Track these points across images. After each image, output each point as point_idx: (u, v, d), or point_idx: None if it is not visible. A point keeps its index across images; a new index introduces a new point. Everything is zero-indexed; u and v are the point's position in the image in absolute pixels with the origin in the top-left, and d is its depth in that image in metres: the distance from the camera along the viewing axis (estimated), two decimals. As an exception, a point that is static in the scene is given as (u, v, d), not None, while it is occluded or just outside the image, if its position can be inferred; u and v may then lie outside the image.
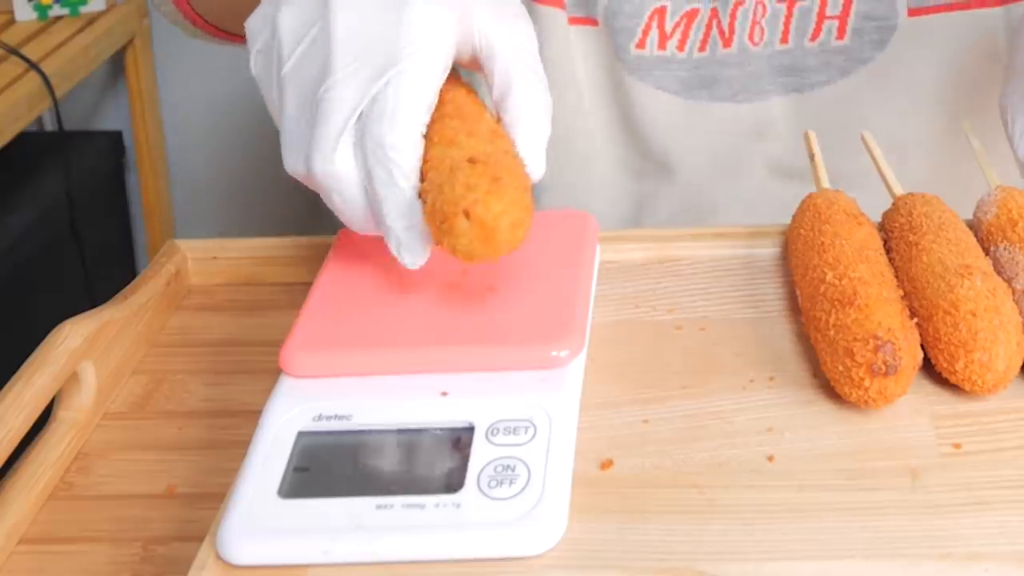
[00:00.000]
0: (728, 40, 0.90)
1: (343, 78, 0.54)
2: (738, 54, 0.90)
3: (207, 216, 2.22)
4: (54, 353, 0.59)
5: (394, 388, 0.54)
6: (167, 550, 0.54)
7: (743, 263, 0.68)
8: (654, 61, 0.90)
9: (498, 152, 0.54)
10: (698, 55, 0.90)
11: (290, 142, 0.57)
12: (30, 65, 1.75)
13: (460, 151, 0.54)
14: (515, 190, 0.52)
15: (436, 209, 0.52)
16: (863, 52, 0.90)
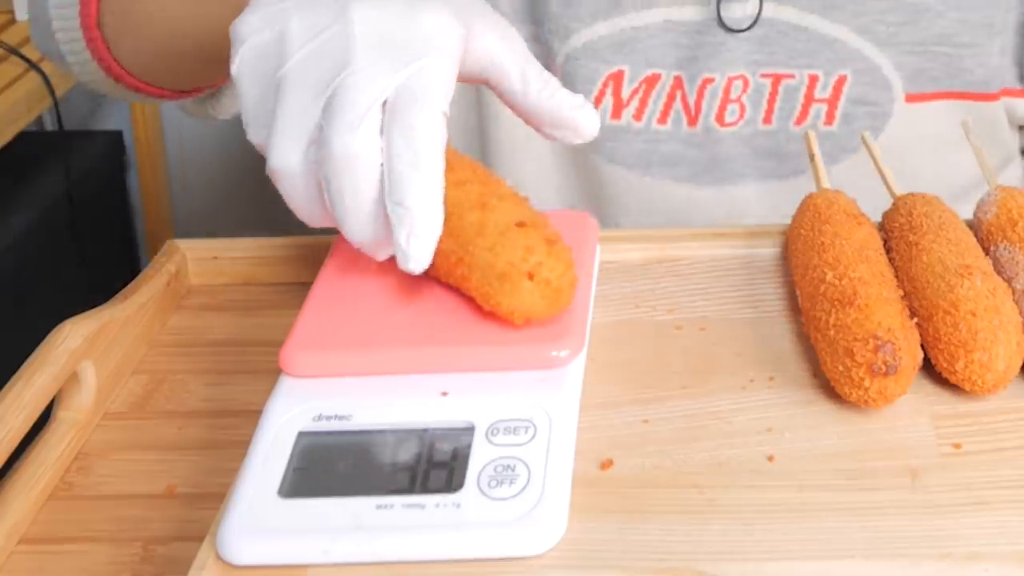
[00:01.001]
0: (693, 118, 0.85)
1: (366, 67, 0.54)
2: (703, 134, 0.85)
3: (207, 216, 2.22)
4: (54, 353, 0.59)
5: (394, 388, 0.54)
6: (167, 550, 0.54)
7: (743, 263, 0.68)
8: (606, 131, 0.85)
9: (537, 214, 0.57)
10: (657, 127, 0.85)
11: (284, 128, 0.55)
12: (30, 65, 1.75)
13: (504, 214, 0.56)
14: (565, 251, 0.56)
15: (492, 274, 0.55)
16: (852, 140, 0.85)
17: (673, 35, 0.84)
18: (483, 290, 0.55)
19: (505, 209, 0.57)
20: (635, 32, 0.84)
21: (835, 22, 0.84)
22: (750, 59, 0.84)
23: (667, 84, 0.84)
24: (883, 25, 0.84)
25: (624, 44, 0.85)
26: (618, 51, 0.84)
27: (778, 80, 0.84)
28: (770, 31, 0.84)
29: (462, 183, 0.58)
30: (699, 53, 0.84)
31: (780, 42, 0.84)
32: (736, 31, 0.83)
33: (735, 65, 0.84)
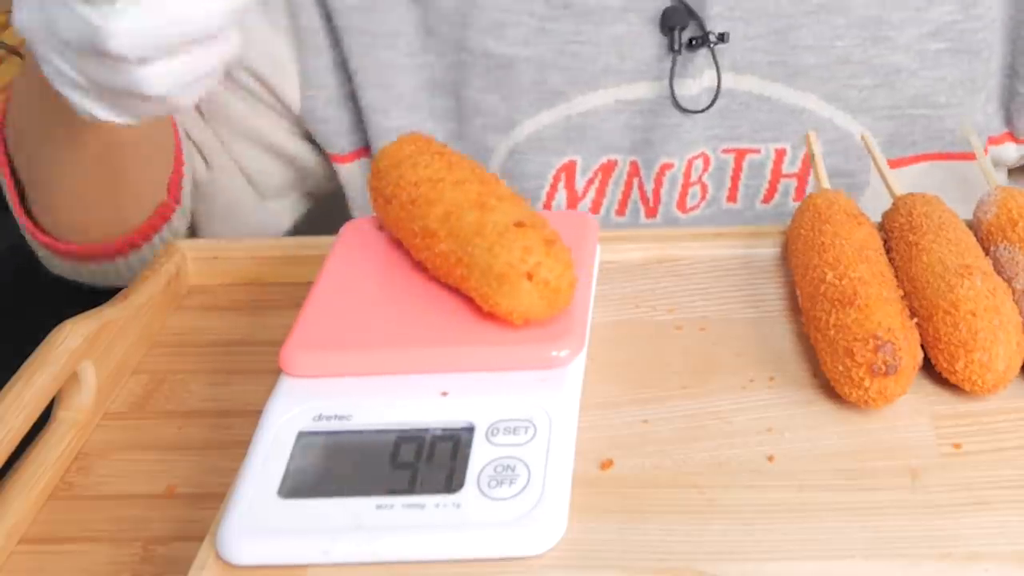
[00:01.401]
0: (653, 209, 0.81)
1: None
2: (663, 223, 0.81)
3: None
4: (54, 353, 0.59)
5: (394, 388, 0.54)
6: (167, 550, 0.54)
7: (743, 263, 0.68)
8: None
9: (535, 215, 0.57)
10: (616, 219, 0.82)
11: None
12: (30, 65, 1.75)
13: (502, 215, 0.56)
14: (564, 251, 0.56)
15: (491, 274, 0.54)
16: None
17: (626, 116, 0.80)
18: (482, 290, 0.55)
19: (504, 209, 0.57)
20: (583, 118, 0.80)
21: (801, 90, 0.80)
22: (710, 135, 0.80)
23: (624, 171, 0.81)
24: (854, 90, 0.80)
25: (573, 132, 0.80)
26: (567, 140, 0.81)
27: (742, 156, 0.81)
28: (731, 103, 0.80)
29: (461, 183, 0.58)
30: (654, 136, 0.80)
31: (742, 115, 0.80)
32: (692, 111, 0.79)
33: (694, 144, 0.80)
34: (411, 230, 0.59)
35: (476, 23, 0.81)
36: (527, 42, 0.80)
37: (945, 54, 0.81)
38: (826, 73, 0.80)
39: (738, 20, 0.79)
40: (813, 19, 0.80)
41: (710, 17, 0.79)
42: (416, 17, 0.82)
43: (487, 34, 0.80)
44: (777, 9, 0.79)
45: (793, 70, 0.80)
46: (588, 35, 0.80)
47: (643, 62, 0.80)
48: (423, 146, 0.62)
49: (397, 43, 0.82)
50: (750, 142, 0.81)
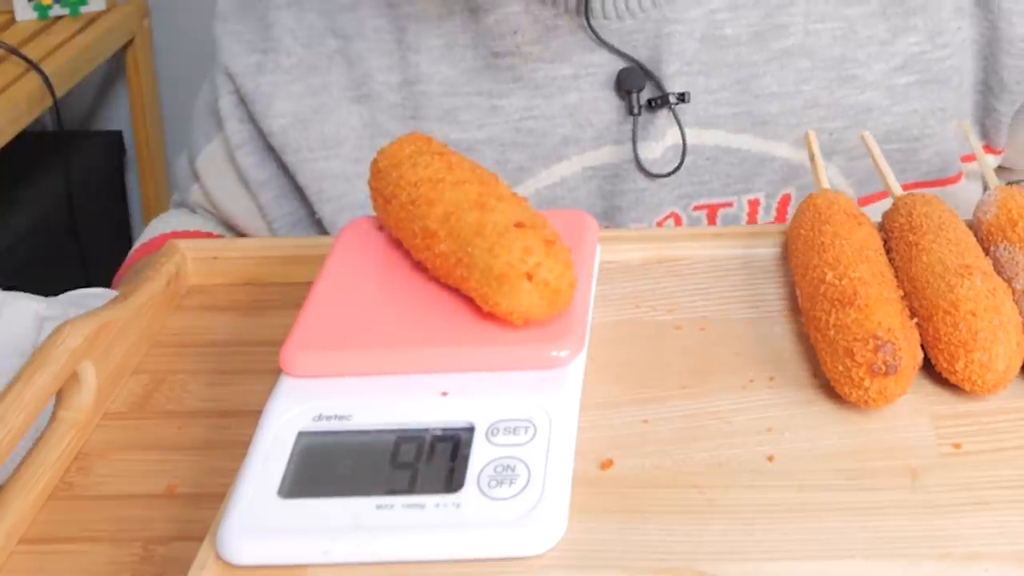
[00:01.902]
0: None
1: None
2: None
3: (207, 216, 2.21)
4: (54, 353, 0.59)
5: (394, 388, 0.54)
6: (167, 550, 0.54)
7: (743, 263, 0.68)
8: None
9: (535, 215, 0.57)
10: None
11: None
12: (30, 65, 1.75)
13: (502, 215, 0.56)
14: (564, 251, 0.56)
15: (491, 275, 0.54)
16: None
17: (597, 182, 0.79)
18: (482, 291, 0.55)
19: (504, 210, 0.57)
20: (551, 190, 0.79)
21: (770, 139, 0.78)
22: (679, 193, 0.78)
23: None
24: (825, 134, 0.78)
25: (546, 205, 0.78)
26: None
27: (714, 211, 0.79)
28: (698, 159, 0.78)
29: (461, 183, 0.58)
30: (622, 202, 0.78)
31: (710, 169, 0.78)
32: (658, 176, 0.76)
33: (663, 206, 0.78)
34: (411, 230, 0.59)
35: (427, 114, 0.79)
36: (481, 124, 0.79)
37: (914, 87, 0.80)
38: (794, 119, 0.78)
39: (697, 75, 0.78)
40: (776, 65, 0.78)
41: (667, 76, 0.77)
42: (360, 118, 0.81)
43: (440, 122, 0.79)
44: (737, 59, 0.78)
45: (760, 119, 0.78)
46: (541, 108, 0.78)
47: (603, 127, 0.78)
48: (423, 146, 0.62)
49: (340, 151, 0.81)
50: (721, 196, 0.79)
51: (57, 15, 1.93)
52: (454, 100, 0.80)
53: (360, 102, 0.81)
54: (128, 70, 2.08)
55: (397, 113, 0.80)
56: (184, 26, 2.12)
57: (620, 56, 0.78)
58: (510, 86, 0.79)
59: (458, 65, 0.80)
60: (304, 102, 0.82)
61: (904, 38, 0.79)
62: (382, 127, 0.81)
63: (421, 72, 0.80)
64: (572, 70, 0.78)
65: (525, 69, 0.79)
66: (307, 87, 0.82)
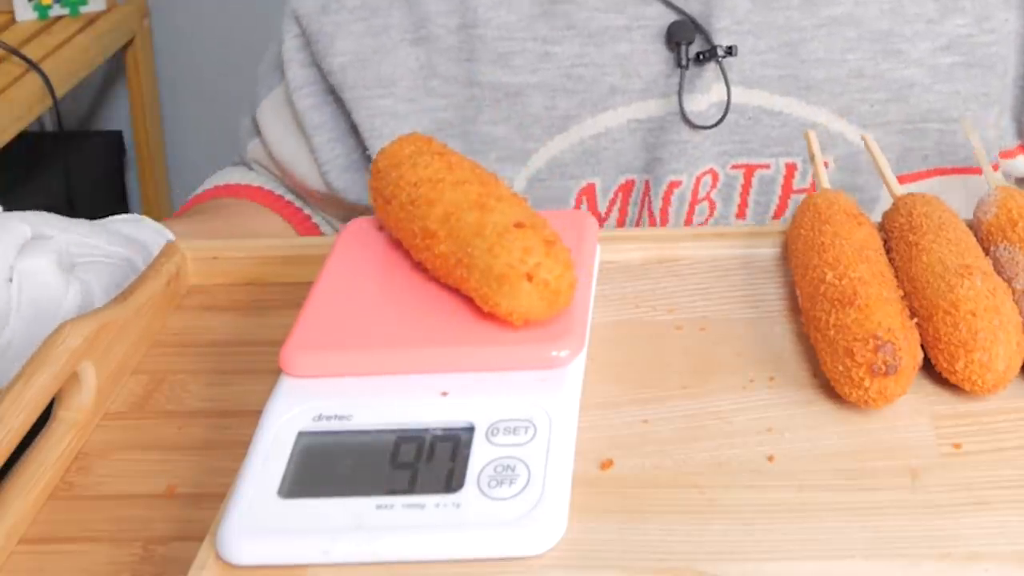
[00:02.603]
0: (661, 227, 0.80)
1: None
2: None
3: (207, 216, 2.21)
4: (54, 353, 0.59)
5: (394, 388, 0.54)
6: (167, 550, 0.54)
7: (743, 263, 0.68)
8: None
9: (535, 215, 0.57)
10: None
11: None
12: (30, 65, 1.75)
13: (502, 215, 0.56)
14: (564, 251, 0.56)
15: (491, 275, 0.54)
16: None
17: (640, 134, 0.80)
18: (482, 291, 0.55)
19: (504, 210, 0.57)
20: (596, 140, 0.80)
21: (813, 104, 0.79)
22: (719, 151, 0.79)
23: (640, 190, 0.80)
24: (866, 105, 0.79)
25: (589, 155, 0.80)
26: (585, 163, 0.81)
27: (751, 171, 0.80)
28: (740, 118, 0.79)
29: (461, 183, 0.58)
30: (663, 153, 0.79)
31: (752, 130, 0.79)
32: (701, 127, 0.78)
33: (702, 161, 0.79)
34: (411, 230, 0.59)
35: (481, 56, 0.81)
36: (534, 69, 0.81)
37: (958, 68, 0.80)
38: (837, 87, 0.79)
39: (747, 34, 0.79)
40: (824, 32, 0.79)
41: (717, 31, 0.78)
42: (417, 60, 0.83)
43: (494, 65, 0.81)
44: (787, 22, 0.79)
45: (804, 84, 0.79)
46: (593, 56, 0.80)
47: (651, 79, 0.80)
48: (423, 146, 0.62)
49: (394, 90, 0.83)
50: (760, 157, 0.80)
51: (57, 15, 1.93)
52: (509, 44, 0.81)
53: (418, 44, 0.83)
54: (128, 70, 2.08)
55: (452, 56, 0.82)
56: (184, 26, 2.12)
57: (672, 9, 0.80)
58: (564, 33, 0.81)
59: (516, 11, 0.82)
60: (364, 42, 0.84)
61: (952, 19, 0.80)
62: (436, 69, 0.83)
63: (479, 16, 0.82)
64: (625, 21, 0.80)
65: (580, 17, 0.81)
66: (368, 27, 0.85)
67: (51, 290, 0.66)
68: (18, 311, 0.65)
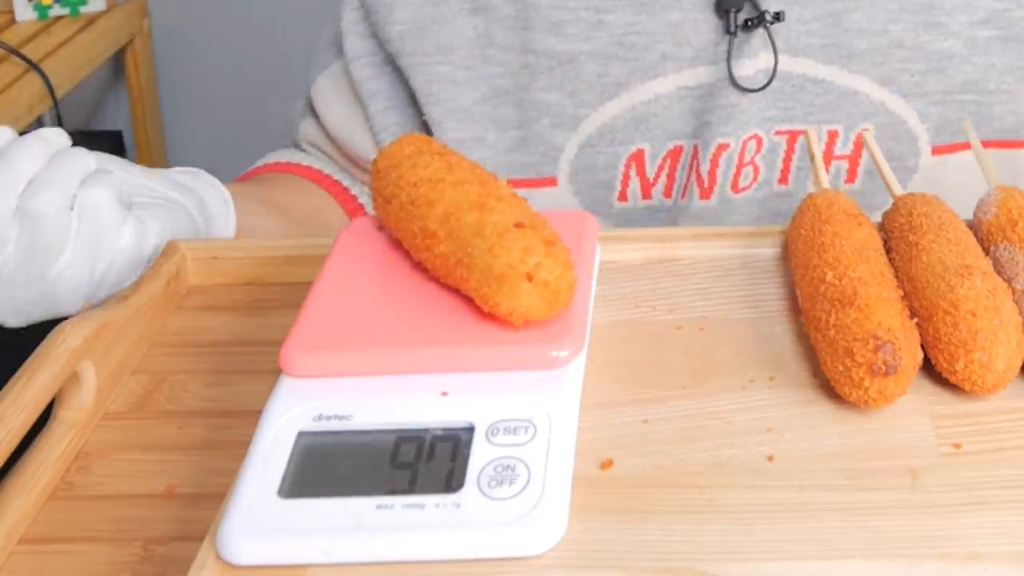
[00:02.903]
0: (707, 191, 0.82)
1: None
2: (718, 207, 0.83)
3: (207, 216, 2.21)
4: (54, 353, 0.59)
5: (394, 388, 0.54)
6: (167, 550, 0.54)
7: (743, 263, 0.68)
8: (639, 212, 0.84)
9: (535, 215, 0.57)
10: (681, 203, 0.83)
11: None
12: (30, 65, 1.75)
13: (502, 215, 0.56)
14: (564, 251, 0.56)
15: (491, 275, 0.55)
16: (875, 197, 0.81)
17: (689, 102, 0.82)
18: (482, 291, 0.55)
19: (503, 210, 0.57)
20: (647, 106, 0.82)
21: (855, 73, 0.80)
22: (763, 116, 0.81)
23: (688, 155, 0.82)
24: (907, 75, 0.81)
25: (639, 121, 0.82)
26: (634, 129, 0.82)
27: (794, 137, 0.81)
28: (784, 85, 0.81)
29: (461, 183, 0.58)
30: (712, 117, 0.81)
31: (795, 97, 0.81)
32: (750, 90, 0.80)
33: (748, 125, 0.81)
34: (411, 231, 0.59)
35: (536, 24, 0.83)
36: (587, 37, 0.82)
37: (995, 41, 0.82)
38: (879, 57, 0.81)
39: (792, 3, 0.81)
40: (867, 3, 0.81)
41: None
42: (474, 29, 0.84)
43: (548, 33, 0.83)
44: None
45: (847, 53, 0.81)
46: (644, 25, 0.82)
47: (700, 47, 0.82)
48: (423, 146, 0.62)
49: (453, 58, 0.85)
50: (803, 123, 0.82)
51: (57, 15, 1.93)
52: (562, 13, 0.83)
53: (475, 14, 0.85)
54: (128, 70, 2.08)
55: (508, 24, 0.84)
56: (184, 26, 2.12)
57: None
58: (616, 2, 0.83)
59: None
60: (423, 11, 0.86)
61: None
62: (493, 38, 0.84)
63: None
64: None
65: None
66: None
67: (109, 223, 0.67)
68: (76, 239, 0.66)
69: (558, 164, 0.83)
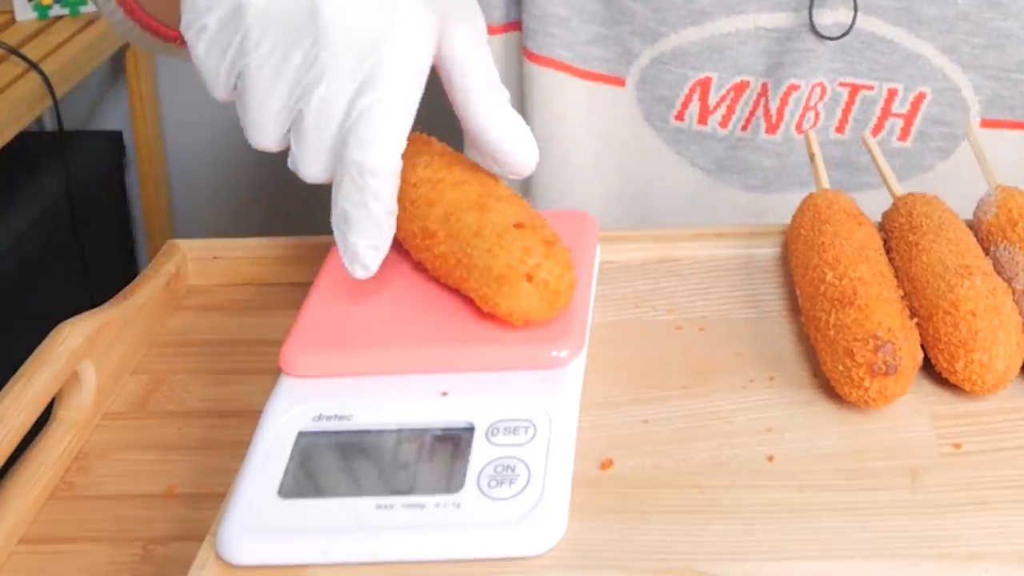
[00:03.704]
0: (774, 126, 0.84)
1: (330, 82, 0.53)
2: (782, 143, 0.84)
3: (207, 216, 2.22)
4: (54, 353, 0.59)
5: (394, 388, 0.54)
6: (167, 550, 0.54)
7: (743, 263, 0.68)
8: (692, 136, 0.85)
9: (535, 215, 0.57)
10: (740, 134, 0.85)
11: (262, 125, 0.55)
12: (30, 65, 1.75)
13: (501, 216, 0.56)
14: (564, 251, 0.56)
15: (491, 276, 0.55)
16: (924, 159, 0.84)
17: (764, 42, 0.83)
18: (482, 292, 0.55)
19: (503, 210, 0.57)
20: (724, 39, 0.83)
21: (921, 38, 0.83)
22: (830, 67, 0.83)
23: (754, 91, 0.83)
24: (968, 47, 0.83)
25: (713, 51, 0.84)
26: (707, 58, 0.83)
27: (856, 91, 0.83)
28: (854, 40, 0.83)
29: (460, 184, 0.58)
30: (786, 60, 0.83)
31: (863, 52, 0.83)
32: (828, 38, 0.82)
33: (817, 73, 0.83)
34: (411, 231, 0.59)
35: None
36: None
37: None
38: (945, 26, 0.83)
39: None
40: None
41: None
42: None
43: None
44: None
45: (915, 18, 0.83)
46: None
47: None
48: (422, 146, 0.62)
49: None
50: (866, 79, 0.84)
51: (57, 15, 1.93)
52: None
53: None
54: (128, 70, 2.07)
55: None
56: (184, 26, 2.12)
57: None
58: None
59: None
60: None
61: None
62: None
63: None
64: None
65: None
66: None
67: None
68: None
69: (630, 68, 0.85)
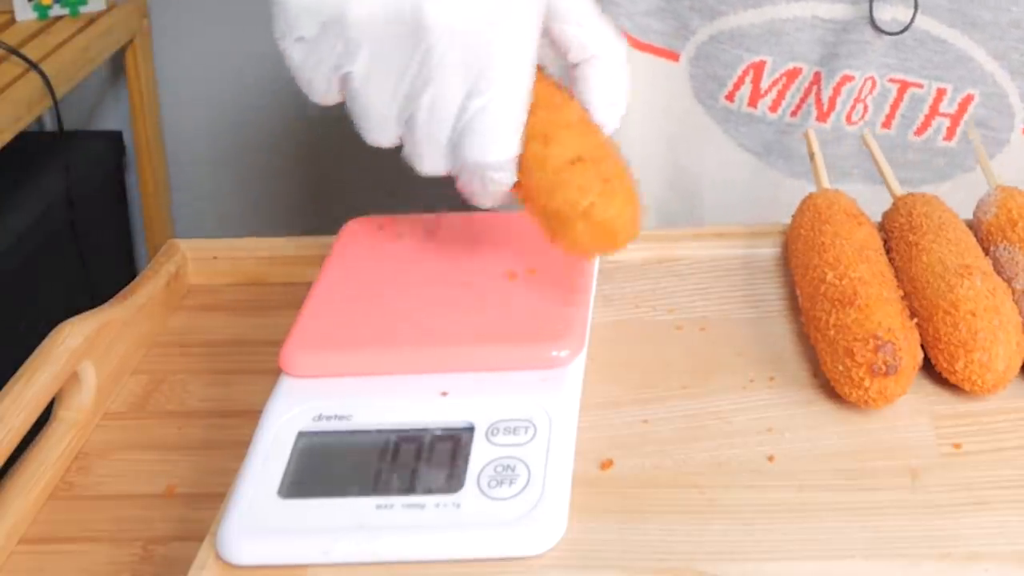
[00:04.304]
0: (825, 114, 0.84)
1: (439, 84, 0.54)
2: (832, 131, 0.84)
3: (207, 216, 2.22)
4: (54, 353, 0.59)
5: (394, 388, 0.54)
6: (167, 550, 0.54)
7: (743, 263, 0.68)
8: (741, 117, 0.86)
9: (598, 146, 0.56)
10: (789, 119, 0.85)
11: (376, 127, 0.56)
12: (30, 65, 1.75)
13: (561, 148, 0.55)
14: (624, 186, 0.55)
15: (549, 211, 0.54)
16: (968, 159, 0.84)
17: (820, 31, 0.84)
18: (543, 225, 0.55)
19: (564, 141, 0.55)
20: (782, 24, 0.84)
21: (974, 41, 0.83)
22: (882, 62, 0.84)
23: (806, 79, 0.84)
24: (1018, 54, 0.83)
25: (770, 35, 0.84)
26: (763, 41, 0.84)
27: (905, 87, 0.84)
28: (908, 38, 0.83)
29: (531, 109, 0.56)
30: (842, 51, 0.83)
31: (915, 50, 0.84)
32: (887, 33, 0.83)
33: (870, 67, 0.84)
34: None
35: None
36: None
37: None
38: (998, 31, 0.83)
39: None
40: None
41: None
42: None
43: None
44: None
45: (971, 21, 0.83)
46: None
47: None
48: None
49: None
50: (917, 76, 0.84)
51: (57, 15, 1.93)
52: None
53: None
54: (128, 70, 2.07)
55: None
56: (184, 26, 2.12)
57: None
58: None
59: None
60: None
61: None
62: None
63: None
64: None
65: None
66: None
67: None
68: None
69: (686, 44, 0.85)
